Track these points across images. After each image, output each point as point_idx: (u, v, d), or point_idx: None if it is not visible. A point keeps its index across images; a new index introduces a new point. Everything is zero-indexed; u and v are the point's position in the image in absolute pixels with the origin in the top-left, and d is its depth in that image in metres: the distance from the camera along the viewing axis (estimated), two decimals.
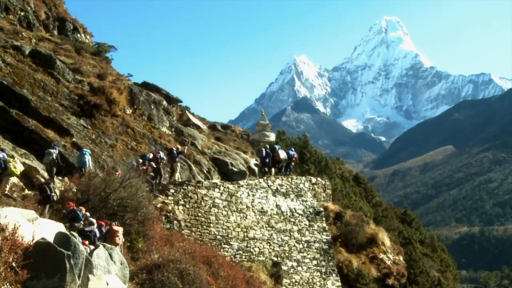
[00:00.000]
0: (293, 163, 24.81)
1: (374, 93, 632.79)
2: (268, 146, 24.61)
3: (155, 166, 18.46)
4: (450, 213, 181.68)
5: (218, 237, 18.84)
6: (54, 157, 15.50)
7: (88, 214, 12.73)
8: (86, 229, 11.90)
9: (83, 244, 11.05)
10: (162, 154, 19.38)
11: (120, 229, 12.70)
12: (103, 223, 12.64)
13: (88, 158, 16.31)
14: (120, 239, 12.54)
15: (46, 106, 19.00)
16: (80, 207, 12.93)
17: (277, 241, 20.95)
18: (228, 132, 35.76)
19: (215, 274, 14.34)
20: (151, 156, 18.96)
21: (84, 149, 16.88)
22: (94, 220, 12.40)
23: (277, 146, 24.64)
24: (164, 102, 26.67)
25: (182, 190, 18.39)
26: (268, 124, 32.35)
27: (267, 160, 23.42)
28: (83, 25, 32.40)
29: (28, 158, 16.19)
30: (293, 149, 25.35)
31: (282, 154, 23.74)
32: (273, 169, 23.87)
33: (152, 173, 17.94)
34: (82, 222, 12.48)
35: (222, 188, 19.77)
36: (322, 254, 22.20)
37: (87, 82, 22.65)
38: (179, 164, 20.31)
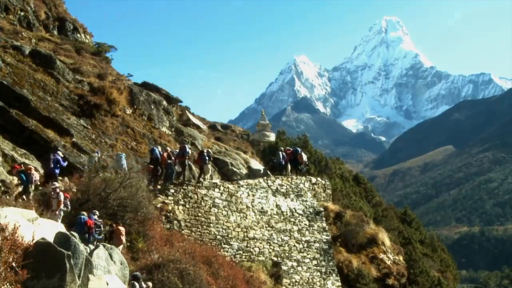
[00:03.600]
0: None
1: (374, 93, 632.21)
2: (282, 149, 24.94)
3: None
4: (450, 213, 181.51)
5: (218, 237, 18.84)
6: (97, 160, 16.57)
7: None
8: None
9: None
10: (187, 148, 20.17)
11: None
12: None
13: (125, 162, 17.26)
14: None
15: (46, 106, 19.00)
16: (30, 167, 13.43)
17: (277, 241, 20.95)
18: (228, 132, 35.74)
19: (215, 274, 14.35)
20: (177, 150, 19.79)
21: (119, 153, 17.83)
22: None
23: (299, 149, 25.24)
24: (164, 102, 26.68)
25: (182, 190, 18.41)
26: (268, 124, 32.43)
27: (283, 162, 23.68)
28: (83, 25, 32.39)
29: (28, 158, 16.18)
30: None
31: (305, 156, 24.59)
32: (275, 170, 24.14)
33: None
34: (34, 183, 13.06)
35: (222, 188, 19.78)
36: (322, 254, 22.20)
37: (87, 82, 22.65)
38: (209, 166, 20.73)
